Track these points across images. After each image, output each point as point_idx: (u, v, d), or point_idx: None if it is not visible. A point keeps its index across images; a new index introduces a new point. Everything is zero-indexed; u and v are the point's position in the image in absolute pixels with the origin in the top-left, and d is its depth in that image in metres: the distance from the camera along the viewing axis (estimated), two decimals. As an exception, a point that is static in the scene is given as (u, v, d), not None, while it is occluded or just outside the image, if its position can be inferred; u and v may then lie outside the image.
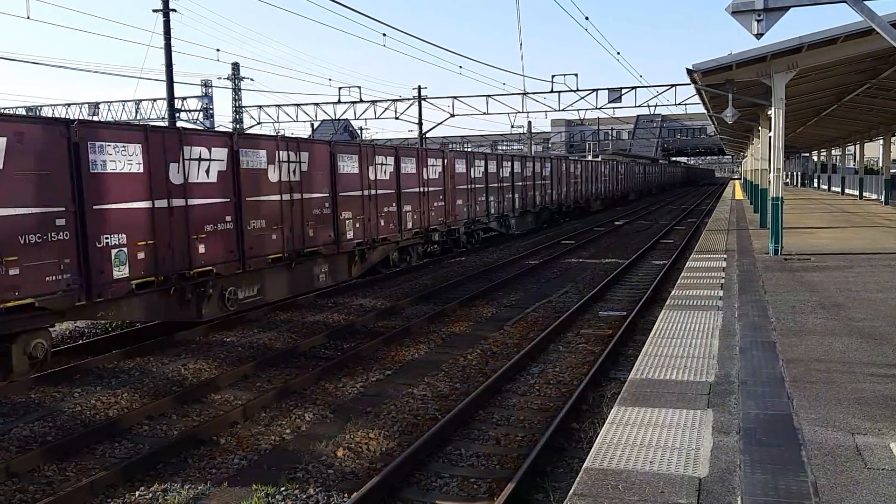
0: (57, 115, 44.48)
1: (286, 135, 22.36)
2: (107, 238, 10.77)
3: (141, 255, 11.36)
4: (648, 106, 44.57)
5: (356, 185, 17.44)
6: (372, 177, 18.20)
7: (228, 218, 13.20)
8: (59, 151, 10.11)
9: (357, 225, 17.43)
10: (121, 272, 10.98)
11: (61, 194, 10.11)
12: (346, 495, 6.59)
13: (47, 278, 9.84)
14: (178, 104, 38.93)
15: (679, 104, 44.09)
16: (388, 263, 19.93)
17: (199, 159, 12.59)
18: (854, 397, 6.31)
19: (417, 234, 21.11)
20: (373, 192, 18.18)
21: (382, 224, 18.73)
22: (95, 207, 10.57)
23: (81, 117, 45.50)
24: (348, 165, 17.11)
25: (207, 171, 12.76)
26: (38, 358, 10.16)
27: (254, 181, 13.85)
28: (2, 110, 40.20)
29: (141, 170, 11.45)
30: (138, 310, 11.68)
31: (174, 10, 30.44)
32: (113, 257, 10.86)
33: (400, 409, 8.91)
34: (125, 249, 11.06)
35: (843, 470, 4.86)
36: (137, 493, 6.77)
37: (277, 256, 14.55)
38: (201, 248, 12.54)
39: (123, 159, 11.09)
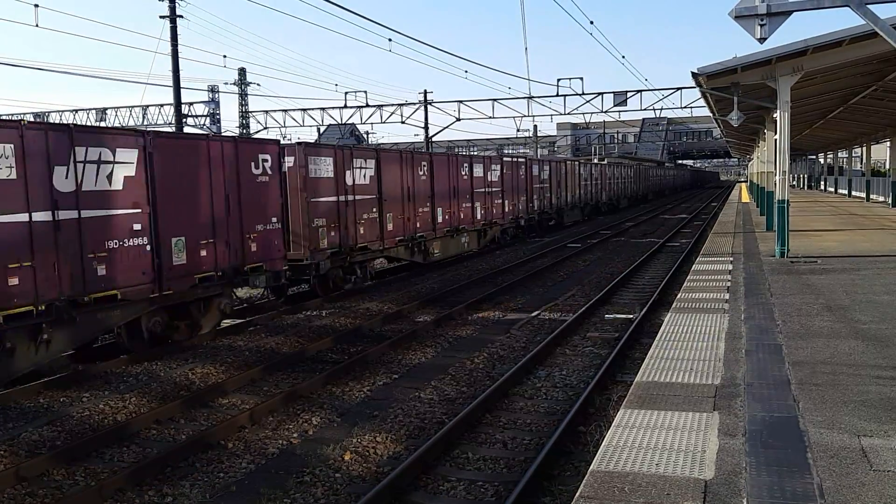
0: (63, 122, 44.73)
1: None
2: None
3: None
4: (654, 109, 44.67)
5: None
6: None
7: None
8: None
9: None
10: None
11: None
12: (353, 499, 6.62)
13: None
14: (185, 110, 39.12)
15: (685, 107, 44.25)
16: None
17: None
18: (860, 400, 6.31)
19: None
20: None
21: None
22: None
23: (88, 123, 45.76)
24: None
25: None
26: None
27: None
28: (9, 117, 40.36)
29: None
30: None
31: (181, 17, 30.63)
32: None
33: (407, 412, 8.94)
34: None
35: (848, 472, 4.87)
36: (146, 496, 6.82)
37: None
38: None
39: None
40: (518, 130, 69.44)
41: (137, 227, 11.42)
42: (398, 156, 20.44)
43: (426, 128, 48.48)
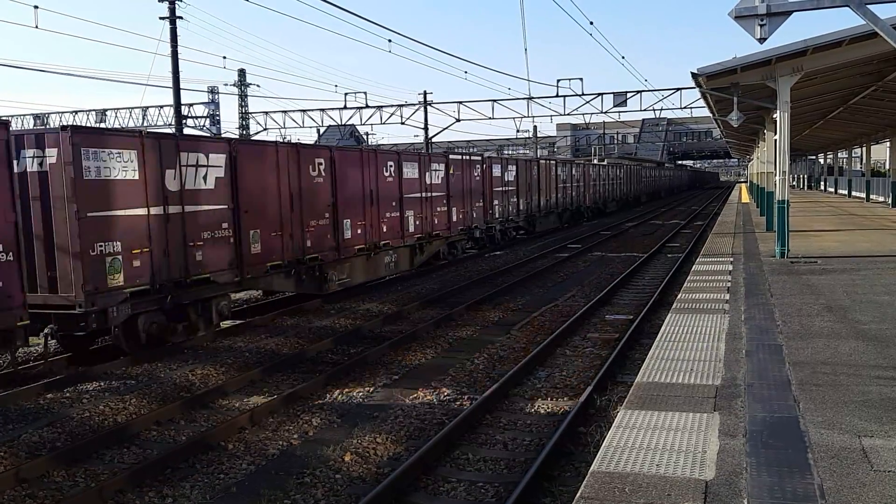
0: (64, 123, 44.71)
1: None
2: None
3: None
4: (654, 109, 44.69)
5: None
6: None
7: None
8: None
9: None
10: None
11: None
12: (354, 500, 6.62)
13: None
14: (184, 111, 39.15)
15: (684, 108, 44.30)
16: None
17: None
18: (860, 400, 6.31)
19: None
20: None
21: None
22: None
23: (89, 124, 45.79)
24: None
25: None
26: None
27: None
28: (10, 118, 40.38)
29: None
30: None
31: (181, 18, 30.68)
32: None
33: (407, 413, 8.94)
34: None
35: (849, 472, 4.87)
36: (146, 498, 6.81)
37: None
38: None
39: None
40: (518, 131, 69.59)
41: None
42: (270, 149, 14.99)
43: (426, 129, 48.51)
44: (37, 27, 26.76)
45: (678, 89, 41.78)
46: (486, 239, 27.15)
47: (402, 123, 47.50)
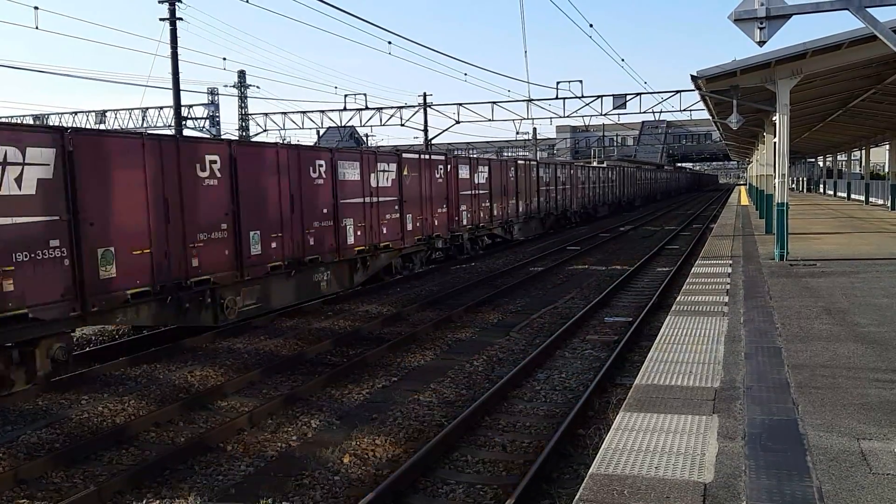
0: (63, 124, 44.84)
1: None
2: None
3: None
4: (653, 112, 44.72)
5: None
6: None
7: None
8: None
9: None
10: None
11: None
12: (353, 502, 6.62)
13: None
14: (184, 112, 39.16)
15: (684, 110, 44.32)
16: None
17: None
18: (859, 403, 6.31)
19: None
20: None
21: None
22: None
23: (88, 126, 45.79)
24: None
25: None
26: None
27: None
28: (10, 119, 40.47)
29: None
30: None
31: (181, 19, 30.70)
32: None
33: (406, 415, 8.93)
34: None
35: (848, 475, 4.87)
36: (145, 499, 6.81)
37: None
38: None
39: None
40: (518, 133, 69.52)
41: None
42: (135, 143, 11.80)
43: (425, 130, 48.54)
44: (37, 28, 26.78)
45: (678, 92, 41.80)
46: (452, 249, 24.39)
47: (402, 125, 47.57)
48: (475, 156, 36.29)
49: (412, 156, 21.26)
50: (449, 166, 23.52)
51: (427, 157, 22.37)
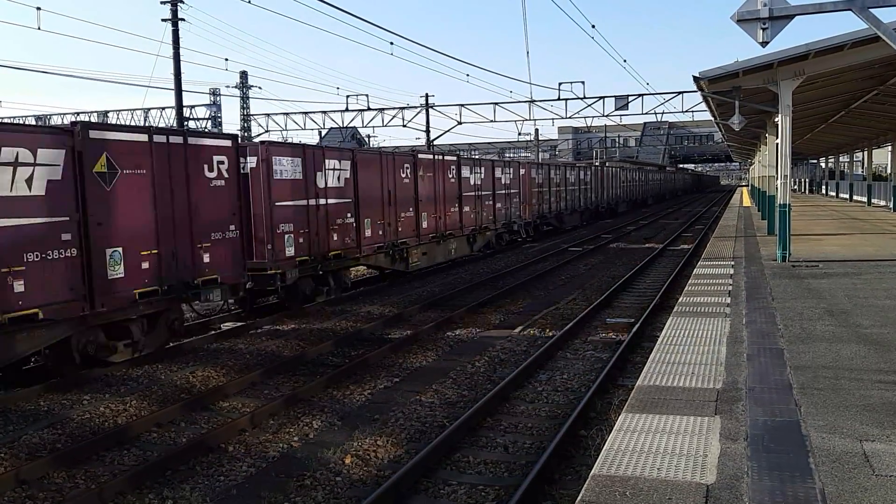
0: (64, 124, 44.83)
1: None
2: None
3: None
4: (655, 113, 44.74)
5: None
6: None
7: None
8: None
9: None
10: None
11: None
12: (354, 503, 6.61)
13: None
14: (186, 112, 39.19)
15: (686, 111, 44.31)
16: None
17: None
18: (862, 404, 6.29)
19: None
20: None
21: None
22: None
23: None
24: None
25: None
26: None
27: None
28: (12, 120, 40.54)
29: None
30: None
31: (183, 20, 30.72)
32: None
33: (408, 416, 8.93)
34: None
35: (850, 477, 4.85)
36: (146, 500, 6.80)
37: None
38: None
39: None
40: (519, 134, 69.51)
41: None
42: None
43: (427, 131, 48.55)
44: (39, 28, 26.82)
45: (680, 93, 41.80)
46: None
47: (404, 126, 47.57)
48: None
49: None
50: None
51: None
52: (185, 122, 38.03)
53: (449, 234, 23.23)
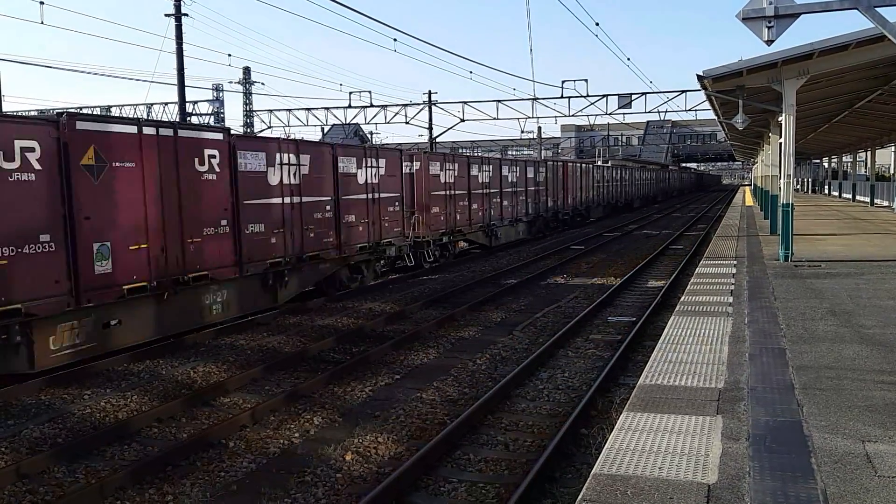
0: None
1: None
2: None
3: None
4: (658, 111, 44.67)
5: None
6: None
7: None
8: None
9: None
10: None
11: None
12: (355, 499, 6.60)
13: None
14: (189, 108, 39.18)
15: (689, 110, 44.32)
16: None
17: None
18: (864, 405, 6.27)
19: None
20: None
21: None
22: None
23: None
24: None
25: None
26: None
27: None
28: (17, 113, 40.51)
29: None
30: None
31: (186, 15, 30.71)
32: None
33: (409, 413, 8.92)
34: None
35: (853, 477, 4.84)
36: (147, 495, 6.80)
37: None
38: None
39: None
40: (522, 132, 69.35)
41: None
42: None
43: (430, 128, 48.50)
44: (42, 23, 26.80)
45: (683, 91, 41.70)
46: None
47: (407, 123, 47.73)
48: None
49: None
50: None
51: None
52: (188, 118, 38.04)
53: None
